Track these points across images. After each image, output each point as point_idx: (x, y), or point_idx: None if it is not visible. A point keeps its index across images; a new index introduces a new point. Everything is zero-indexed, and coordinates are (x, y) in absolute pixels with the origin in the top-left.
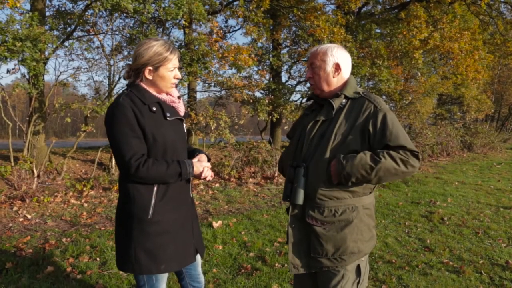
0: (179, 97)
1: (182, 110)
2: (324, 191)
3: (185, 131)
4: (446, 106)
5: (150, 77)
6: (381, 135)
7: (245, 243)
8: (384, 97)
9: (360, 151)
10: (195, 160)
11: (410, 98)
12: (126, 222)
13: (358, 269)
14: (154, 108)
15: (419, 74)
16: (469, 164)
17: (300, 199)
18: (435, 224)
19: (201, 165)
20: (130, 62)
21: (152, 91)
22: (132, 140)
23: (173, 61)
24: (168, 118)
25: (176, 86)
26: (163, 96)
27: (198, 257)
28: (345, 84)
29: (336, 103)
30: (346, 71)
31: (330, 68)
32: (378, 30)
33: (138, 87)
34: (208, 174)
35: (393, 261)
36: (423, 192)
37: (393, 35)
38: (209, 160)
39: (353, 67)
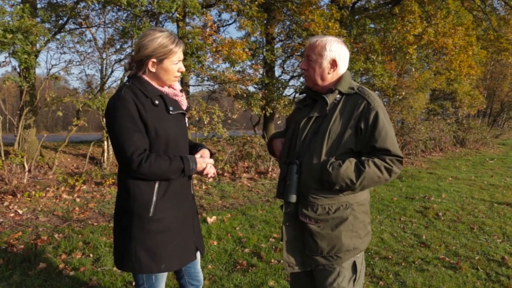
0: (181, 91)
1: (184, 103)
2: (317, 189)
3: (187, 125)
4: (438, 102)
5: (153, 70)
6: (370, 135)
7: (240, 238)
8: (377, 92)
9: (354, 149)
10: (197, 155)
11: (403, 93)
12: (126, 219)
13: (354, 266)
14: (156, 102)
15: (413, 70)
16: (462, 159)
17: (293, 197)
18: (430, 220)
19: (204, 162)
20: (132, 53)
21: (154, 83)
22: (134, 135)
23: (178, 54)
24: (171, 112)
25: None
26: (165, 89)
27: (198, 255)
28: (339, 79)
29: (330, 99)
30: (342, 66)
31: (326, 63)
32: (372, 25)
33: (140, 79)
34: (211, 171)
35: (390, 257)
36: (417, 188)
37: (387, 30)
38: (212, 155)
39: None
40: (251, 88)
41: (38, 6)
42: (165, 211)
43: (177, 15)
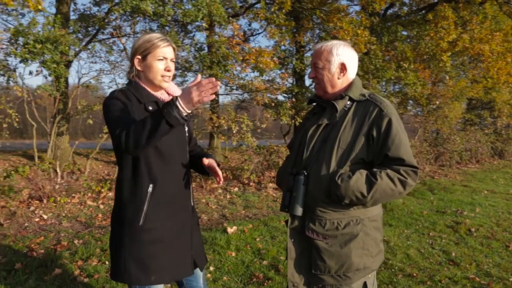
0: None
1: None
2: (326, 202)
3: (187, 133)
4: (476, 111)
5: (139, 68)
6: (382, 143)
7: (259, 250)
8: (411, 101)
9: (366, 160)
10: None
11: (437, 102)
12: (118, 228)
13: (364, 287)
14: (150, 108)
15: (447, 78)
16: (500, 172)
17: (299, 210)
18: (461, 236)
19: (192, 88)
20: None
21: (148, 88)
22: (122, 118)
23: (162, 49)
24: None
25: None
26: (162, 95)
27: (200, 270)
28: (350, 85)
29: (340, 106)
30: (352, 71)
31: (335, 68)
32: (404, 32)
33: (136, 84)
34: (206, 90)
35: (414, 274)
36: (450, 201)
37: (420, 37)
38: (218, 165)
39: (377, 70)
40: (281, 97)
41: (73, 17)
42: (157, 221)
43: (204, 24)
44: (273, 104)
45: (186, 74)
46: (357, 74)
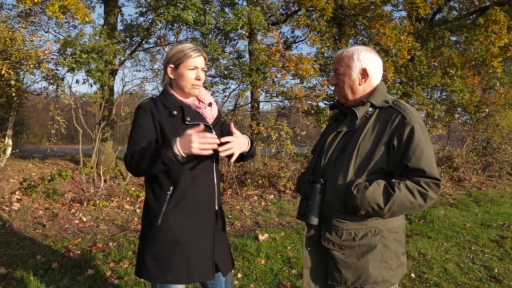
0: (210, 104)
1: (209, 116)
2: (342, 212)
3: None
4: None
5: (172, 76)
6: (403, 152)
7: (290, 258)
8: (458, 109)
9: (385, 169)
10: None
11: (487, 110)
12: (142, 227)
13: None
14: (175, 112)
15: (498, 84)
16: None
17: (315, 219)
18: (506, 251)
19: (188, 136)
20: None
21: (178, 95)
22: (136, 137)
23: (194, 59)
24: (187, 123)
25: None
26: (188, 101)
27: (228, 275)
28: (373, 91)
29: (360, 112)
30: (375, 77)
31: (356, 74)
32: (453, 38)
33: (166, 91)
34: (206, 144)
35: None
36: (497, 214)
37: (469, 42)
38: (251, 146)
39: (422, 77)
40: (322, 104)
41: (120, 27)
42: (175, 223)
43: (243, 32)
44: (313, 111)
45: (227, 81)
46: (401, 81)
